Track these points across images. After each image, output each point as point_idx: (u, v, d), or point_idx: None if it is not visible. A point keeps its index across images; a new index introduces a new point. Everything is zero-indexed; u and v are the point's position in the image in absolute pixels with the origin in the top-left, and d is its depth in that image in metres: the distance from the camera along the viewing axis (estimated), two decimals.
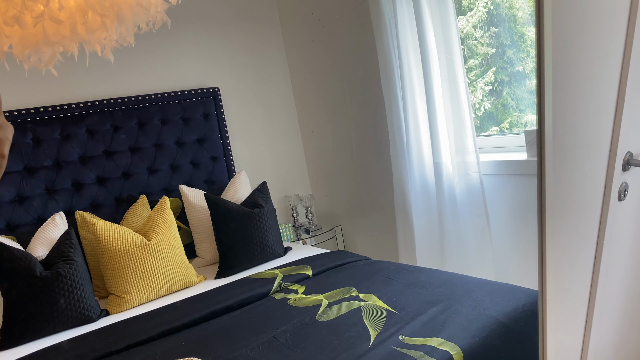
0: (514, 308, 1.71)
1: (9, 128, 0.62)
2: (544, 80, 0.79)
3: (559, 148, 0.86)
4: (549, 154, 0.82)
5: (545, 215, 0.85)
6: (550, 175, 0.82)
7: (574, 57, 0.91)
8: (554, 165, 0.85)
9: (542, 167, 0.84)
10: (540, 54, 0.80)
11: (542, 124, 0.81)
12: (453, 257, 2.61)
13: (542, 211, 0.85)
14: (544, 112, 0.80)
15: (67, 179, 2.77)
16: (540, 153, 0.82)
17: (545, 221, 0.86)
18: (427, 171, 2.72)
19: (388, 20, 2.70)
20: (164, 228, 2.45)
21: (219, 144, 3.28)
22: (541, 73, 0.80)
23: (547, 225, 0.86)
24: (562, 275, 1.01)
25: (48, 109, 2.72)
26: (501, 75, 2.63)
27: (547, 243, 0.86)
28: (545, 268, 0.88)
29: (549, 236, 0.86)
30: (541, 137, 0.80)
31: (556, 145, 0.83)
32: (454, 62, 2.45)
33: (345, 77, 3.27)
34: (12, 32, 1.22)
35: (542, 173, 0.84)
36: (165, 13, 1.51)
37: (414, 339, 1.59)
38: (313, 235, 3.39)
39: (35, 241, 2.34)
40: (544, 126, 0.79)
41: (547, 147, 0.82)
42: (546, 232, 0.85)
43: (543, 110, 0.79)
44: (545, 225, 0.86)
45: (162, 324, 1.99)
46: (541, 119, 0.80)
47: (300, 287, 2.21)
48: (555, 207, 0.88)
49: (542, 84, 0.80)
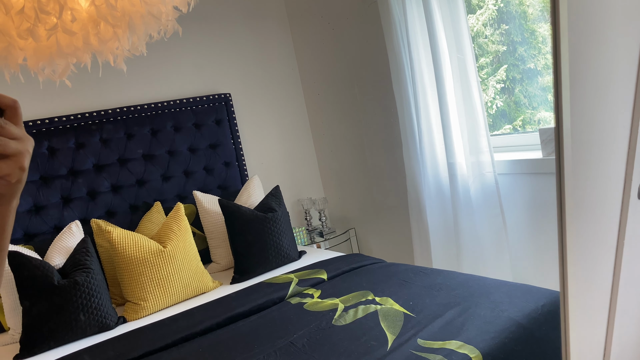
0: (533, 309, 1.68)
1: (29, 141, 0.61)
2: (561, 77, 0.78)
3: (577, 146, 0.84)
4: (567, 153, 0.81)
5: (565, 215, 0.84)
6: (569, 175, 0.81)
7: (590, 50, 0.90)
8: (573, 164, 0.83)
9: (561, 166, 0.82)
10: (557, 49, 0.79)
11: (560, 121, 0.80)
12: (469, 259, 2.58)
13: (562, 211, 0.84)
14: (561, 109, 0.79)
15: (83, 188, 2.79)
16: (559, 152, 0.80)
17: (565, 221, 0.84)
18: (441, 171, 2.70)
19: (398, 21, 2.69)
20: (178, 234, 2.46)
21: (232, 149, 3.29)
22: (558, 69, 0.79)
23: (567, 225, 0.84)
24: (582, 274, 0.99)
25: (62, 119, 2.75)
26: (513, 73, 2.60)
27: (567, 243, 0.84)
28: (567, 268, 0.86)
29: (569, 236, 0.84)
30: (559, 135, 0.79)
31: (574, 144, 0.81)
32: (465, 61, 2.44)
33: (355, 78, 3.26)
34: (26, 45, 1.24)
35: (561, 172, 0.83)
36: (176, 21, 1.52)
37: (432, 343, 1.57)
38: (327, 239, 3.38)
39: (52, 250, 2.36)
40: (562, 124, 0.78)
41: (565, 145, 0.81)
42: (566, 232, 0.84)
43: (561, 107, 0.78)
44: (565, 225, 0.84)
45: (178, 330, 2.00)
46: (559, 116, 0.79)
47: (316, 291, 2.20)
48: (574, 207, 0.87)
49: (559, 80, 0.78)
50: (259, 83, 3.53)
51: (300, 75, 3.70)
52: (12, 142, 0.58)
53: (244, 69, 3.46)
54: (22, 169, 0.59)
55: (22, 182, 0.61)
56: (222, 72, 3.38)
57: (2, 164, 0.58)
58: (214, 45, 3.35)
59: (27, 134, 0.61)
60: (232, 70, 3.42)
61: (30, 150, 0.61)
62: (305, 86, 3.69)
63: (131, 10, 1.27)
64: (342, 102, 3.42)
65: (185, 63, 3.24)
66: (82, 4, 1.26)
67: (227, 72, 3.40)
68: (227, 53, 3.40)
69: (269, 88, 3.57)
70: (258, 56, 3.53)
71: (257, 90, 3.52)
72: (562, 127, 0.77)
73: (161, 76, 3.15)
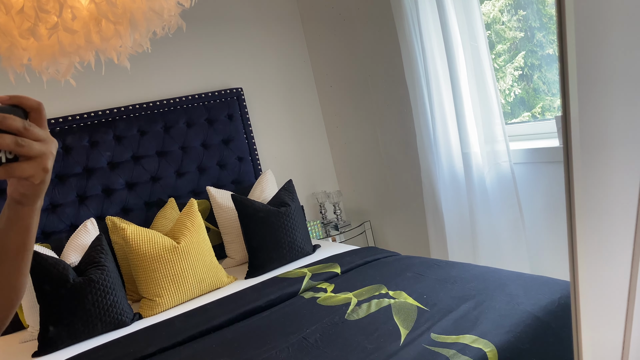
0: (550, 301, 1.64)
1: (53, 143, 0.62)
2: (567, 67, 0.74)
3: (586, 139, 0.80)
4: (575, 143, 0.77)
5: (575, 208, 0.80)
6: (577, 165, 0.77)
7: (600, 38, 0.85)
8: (582, 153, 0.79)
9: (569, 157, 0.78)
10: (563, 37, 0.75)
11: (568, 113, 0.76)
12: (486, 250, 2.53)
13: (571, 206, 0.80)
14: (568, 102, 0.75)
15: (97, 185, 2.81)
16: (567, 142, 0.77)
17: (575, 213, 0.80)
18: (455, 162, 2.65)
19: (409, 11, 2.64)
20: (192, 230, 2.46)
21: (245, 144, 3.28)
22: (564, 58, 0.75)
23: (577, 218, 0.80)
24: (596, 271, 0.95)
25: (76, 117, 2.77)
26: (531, 59, 2.53)
27: (577, 238, 0.80)
28: (577, 265, 0.83)
29: (579, 231, 0.80)
30: (567, 129, 0.75)
31: (584, 136, 0.77)
32: (479, 49, 2.38)
33: (368, 70, 3.22)
34: (28, 45, 1.24)
35: (570, 162, 0.79)
36: (180, 17, 1.50)
37: (446, 337, 1.55)
38: (342, 232, 3.36)
39: (68, 248, 2.38)
40: (569, 115, 0.74)
41: (573, 134, 0.77)
42: (576, 225, 0.80)
43: (568, 100, 0.74)
44: (575, 220, 0.80)
45: (193, 326, 2.00)
46: (566, 108, 0.75)
47: (329, 285, 2.18)
48: (585, 198, 0.83)
49: (566, 71, 0.75)
50: (271, 77, 3.51)
51: (313, 67, 3.67)
52: (36, 143, 0.59)
53: (255, 63, 3.45)
54: (46, 170, 0.60)
55: (45, 183, 0.62)
56: (234, 66, 3.37)
57: (26, 165, 0.58)
58: (225, 40, 3.33)
59: (51, 136, 0.61)
60: (243, 64, 3.40)
61: (54, 152, 0.61)
62: (318, 78, 3.66)
63: (132, 6, 1.26)
64: (355, 94, 3.38)
65: (197, 58, 3.23)
66: (82, 2, 1.25)
67: (239, 66, 3.38)
68: (238, 48, 3.38)
69: (280, 82, 3.55)
70: (269, 50, 3.50)
71: (269, 84, 3.50)
72: (570, 119, 0.73)
73: (172, 72, 3.15)
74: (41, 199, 0.64)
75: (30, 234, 0.66)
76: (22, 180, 0.60)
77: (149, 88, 3.06)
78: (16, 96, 0.60)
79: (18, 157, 0.58)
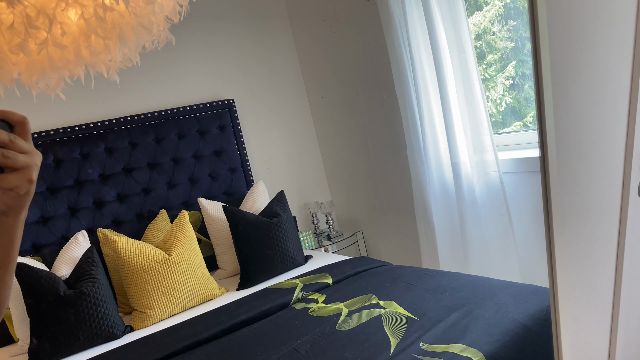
0: (538, 310, 1.66)
1: (38, 155, 0.64)
2: (542, 79, 0.77)
3: (563, 147, 0.82)
4: (552, 154, 0.79)
5: (552, 216, 0.82)
6: (554, 176, 0.79)
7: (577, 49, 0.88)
8: (559, 165, 0.81)
9: (546, 168, 0.81)
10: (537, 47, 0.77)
11: (543, 121, 0.78)
12: (476, 259, 2.55)
13: (549, 213, 0.82)
14: (544, 110, 0.77)
15: (89, 198, 2.81)
16: (543, 154, 0.79)
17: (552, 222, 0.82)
18: (445, 172, 2.68)
19: (398, 21, 2.67)
20: (183, 242, 2.46)
21: (236, 155, 3.30)
22: (539, 70, 0.77)
23: (555, 227, 0.82)
24: (577, 277, 0.97)
25: (67, 130, 2.77)
26: (522, 69, 2.57)
27: (555, 245, 0.82)
28: (556, 271, 0.85)
29: (557, 238, 0.82)
30: (543, 139, 0.77)
31: (559, 144, 0.79)
32: (467, 61, 2.41)
33: (358, 80, 3.25)
34: (18, 60, 1.25)
35: (547, 173, 0.81)
36: (169, 31, 1.52)
37: (435, 346, 1.56)
38: (334, 242, 3.37)
39: (59, 261, 2.38)
40: (545, 126, 0.77)
41: (549, 146, 0.79)
42: (554, 234, 0.82)
43: (543, 112, 0.77)
44: (552, 227, 0.82)
45: (184, 338, 2.00)
46: (541, 116, 0.78)
47: (321, 296, 2.19)
48: (564, 208, 0.85)
49: (541, 83, 0.77)
50: (262, 88, 3.53)
51: (304, 78, 3.70)
52: (22, 156, 0.62)
53: (246, 75, 3.47)
54: (31, 181, 0.63)
55: (30, 194, 0.65)
56: (225, 78, 3.39)
57: (12, 176, 0.61)
58: (216, 51, 3.36)
59: (35, 148, 0.65)
60: (234, 76, 3.42)
61: (38, 164, 0.64)
62: (309, 89, 3.69)
63: (121, 22, 1.28)
64: (346, 104, 3.41)
65: (187, 70, 3.25)
66: (72, 18, 1.27)
67: (230, 78, 3.41)
68: (229, 59, 3.41)
69: (272, 92, 3.57)
70: (261, 61, 3.53)
71: (261, 95, 3.52)
72: (546, 129, 0.75)
73: (163, 84, 3.16)
74: (25, 210, 0.67)
75: (14, 245, 0.68)
76: (7, 191, 0.62)
77: (140, 100, 3.07)
78: (2, 111, 0.63)
79: (3, 169, 0.61)
